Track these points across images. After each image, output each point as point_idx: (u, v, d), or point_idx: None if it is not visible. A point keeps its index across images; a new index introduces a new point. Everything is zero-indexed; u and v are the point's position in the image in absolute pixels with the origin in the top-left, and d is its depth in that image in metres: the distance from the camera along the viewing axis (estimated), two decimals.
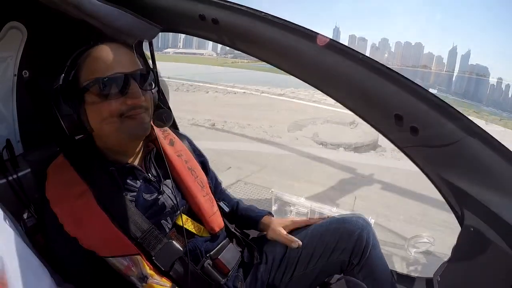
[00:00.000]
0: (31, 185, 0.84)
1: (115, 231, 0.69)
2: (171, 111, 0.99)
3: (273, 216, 1.03)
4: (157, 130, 0.87)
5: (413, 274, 1.14)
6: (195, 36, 0.94)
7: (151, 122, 0.78)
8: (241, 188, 2.99)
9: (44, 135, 1.03)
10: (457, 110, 0.63)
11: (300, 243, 0.90)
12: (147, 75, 0.75)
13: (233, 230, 0.95)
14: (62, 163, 0.76)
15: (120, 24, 0.84)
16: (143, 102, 0.72)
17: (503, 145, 0.62)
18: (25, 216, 0.79)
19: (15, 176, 0.82)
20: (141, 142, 0.82)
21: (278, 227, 0.96)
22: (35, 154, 0.93)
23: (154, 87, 0.78)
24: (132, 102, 0.70)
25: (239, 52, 0.93)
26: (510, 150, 0.62)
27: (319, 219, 0.98)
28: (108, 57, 0.71)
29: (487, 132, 0.62)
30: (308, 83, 0.82)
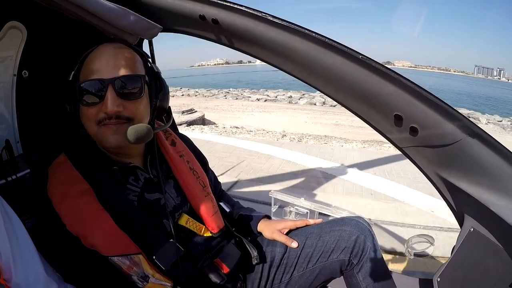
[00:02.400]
0: (31, 185, 0.84)
1: (116, 230, 0.69)
2: (170, 118, 0.90)
3: (271, 219, 1.04)
4: (161, 134, 0.87)
5: (412, 275, 1.14)
6: (195, 36, 0.94)
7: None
8: None
9: (44, 135, 1.03)
10: (457, 111, 0.63)
11: (298, 243, 0.91)
12: (134, 82, 0.71)
13: (233, 230, 0.95)
14: (63, 162, 0.76)
15: (122, 23, 0.84)
16: (124, 112, 0.69)
17: (503, 145, 0.62)
18: (24, 217, 0.79)
19: (14, 177, 0.82)
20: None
21: (277, 227, 0.96)
22: (35, 155, 0.92)
23: (143, 95, 0.73)
24: (104, 111, 0.68)
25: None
26: (509, 151, 0.62)
27: (318, 220, 0.98)
28: (96, 60, 0.70)
29: (487, 133, 0.62)
30: (308, 84, 0.82)
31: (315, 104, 12.04)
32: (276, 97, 13.84)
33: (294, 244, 0.92)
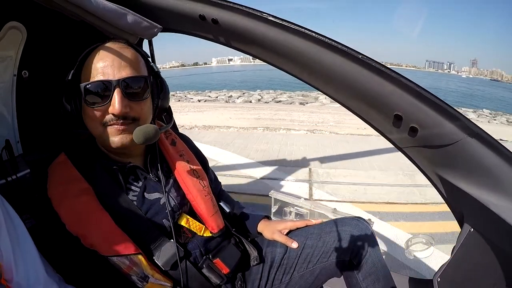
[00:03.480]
0: (31, 185, 0.84)
1: (116, 230, 0.69)
2: (171, 118, 0.92)
3: (271, 219, 1.04)
4: (161, 134, 0.87)
5: (412, 276, 1.14)
6: (195, 36, 0.94)
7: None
8: None
9: (44, 135, 1.03)
10: (457, 111, 0.63)
11: (298, 244, 0.91)
12: (139, 83, 0.71)
13: (233, 230, 0.95)
14: (64, 162, 0.76)
15: (122, 23, 0.84)
16: (130, 112, 0.70)
17: (503, 145, 0.62)
18: (24, 217, 0.79)
19: (14, 177, 0.82)
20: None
21: (277, 228, 0.96)
22: (35, 155, 0.92)
23: (147, 95, 0.74)
24: (111, 112, 0.68)
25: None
26: (509, 151, 0.62)
27: (318, 221, 0.98)
28: (100, 60, 0.69)
29: (487, 133, 0.62)
30: (308, 84, 0.82)
31: (250, 102, 12.74)
32: (216, 97, 14.29)
33: (295, 245, 0.92)
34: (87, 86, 0.68)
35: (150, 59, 0.82)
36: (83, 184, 0.72)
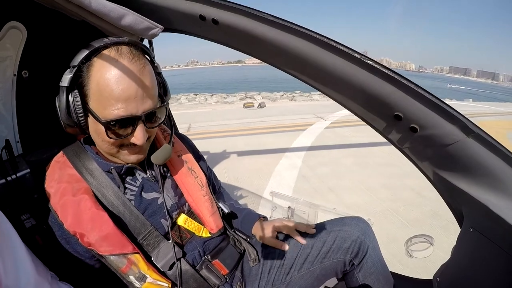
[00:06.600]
0: (30, 185, 0.83)
1: (114, 229, 0.69)
2: (176, 129, 0.95)
3: (267, 220, 1.03)
4: (157, 130, 0.87)
5: (413, 275, 1.14)
6: (195, 36, 0.94)
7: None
8: None
9: (43, 135, 1.03)
10: (457, 111, 0.63)
11: (287, 246, 0.92)
12: (160, 113, 0.73)
13: (232, 230, 0.95)
14: (62, 162, 0.76)
15: (123, 23, 0.84)
16: (147, 138, 0.73)
17: (502, 145, 0.62)
18: (24, 217, 0.79)
19: (14, 176, 0.82)
20: None
21: (267, 230, 0.96)
22: (34, 155, 0.92)
23: (164, 119, 0.75)
24: (133, 142, 0.70)
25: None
26: (509, 151, 0.62)
27: (310, 226, 0.96)
28: (121, 85, 0.64)
29: (486, 133, 0.62)
30: (308, 84, 0.82)
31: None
32: None
33: (284, 247, 0.92)
34: (111, 124, 0.66)
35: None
36: (81, 184, 0.72)
